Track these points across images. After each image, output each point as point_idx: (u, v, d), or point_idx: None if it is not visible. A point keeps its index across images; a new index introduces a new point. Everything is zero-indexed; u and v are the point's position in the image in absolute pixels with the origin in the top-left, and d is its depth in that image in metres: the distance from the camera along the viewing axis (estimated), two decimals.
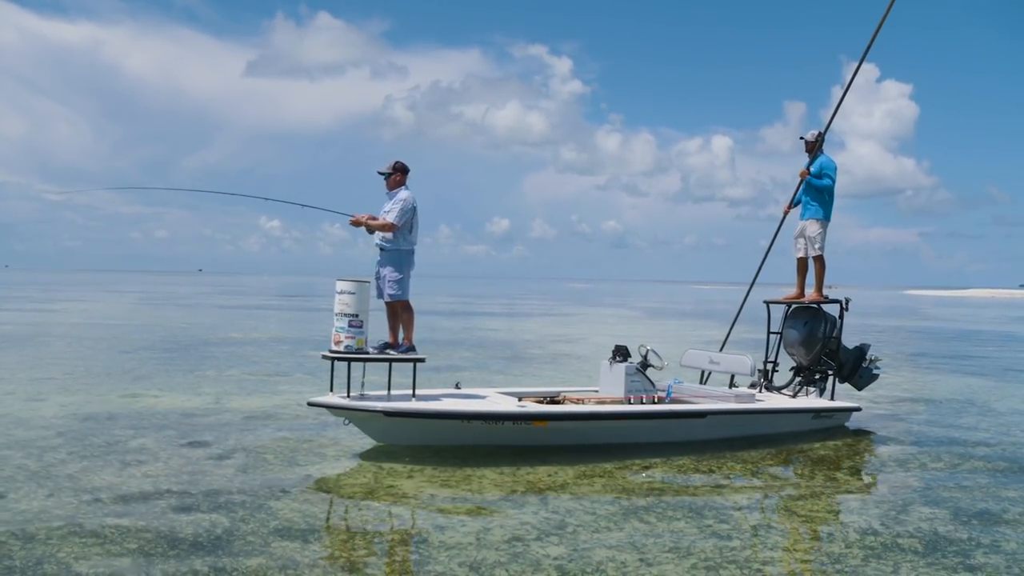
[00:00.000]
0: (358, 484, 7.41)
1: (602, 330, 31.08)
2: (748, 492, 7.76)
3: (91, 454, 8.24)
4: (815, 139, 11.16)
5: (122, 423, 9.85)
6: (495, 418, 8.60)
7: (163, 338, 22.29)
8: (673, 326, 35.17)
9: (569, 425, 8.97)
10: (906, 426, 11.20)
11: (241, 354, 18.44)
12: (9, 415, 10.13)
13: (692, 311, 52.24)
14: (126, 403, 11.26)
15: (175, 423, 9.93)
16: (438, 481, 7.56)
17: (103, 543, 5.65)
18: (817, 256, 11.03)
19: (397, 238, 9.16)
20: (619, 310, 52.53)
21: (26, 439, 8.81)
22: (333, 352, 8.65)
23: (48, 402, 11.17)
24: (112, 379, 13.72)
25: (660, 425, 9.42)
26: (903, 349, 25.32)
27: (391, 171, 9.39)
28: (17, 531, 5.83)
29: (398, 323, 9.27)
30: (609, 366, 9.89)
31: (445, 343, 22.55)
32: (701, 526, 6.48)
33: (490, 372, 16.10)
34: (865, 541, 6.23)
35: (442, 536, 6.03)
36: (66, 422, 9.80)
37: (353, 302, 8.56)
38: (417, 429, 8.59)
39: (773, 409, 10.27)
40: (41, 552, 5.43)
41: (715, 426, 9.61)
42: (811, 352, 10.98)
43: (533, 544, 5.91)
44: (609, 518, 6.63)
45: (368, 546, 5.81)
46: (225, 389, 12.84)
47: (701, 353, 11.40)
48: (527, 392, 10.00)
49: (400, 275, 9.17)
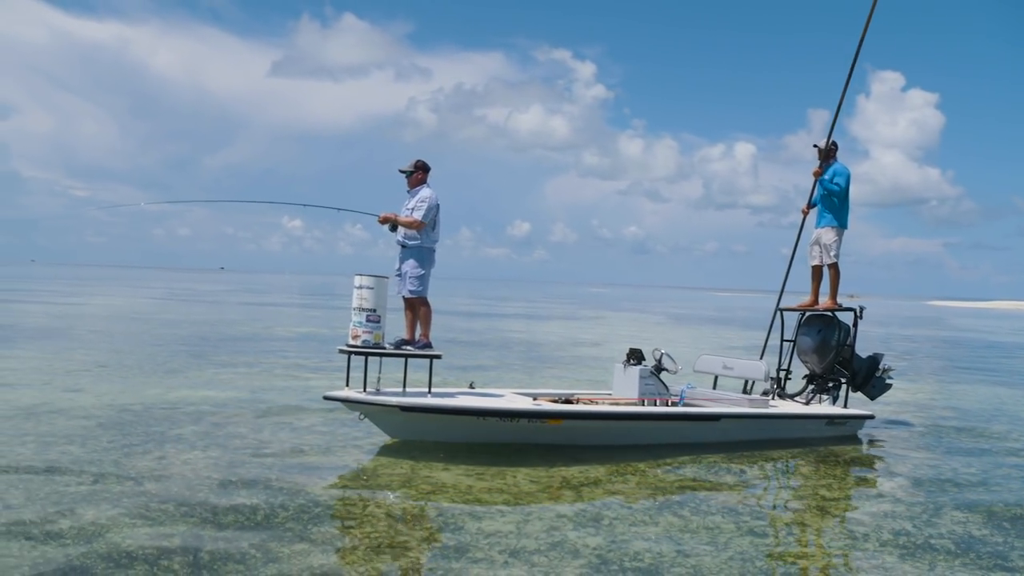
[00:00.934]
0: (395, 474, 7.52)
1: (625, 334, 31.09)
2: (781, 491, 7.83)
3: (132, 443, 8.38)
4: (830, 147, 11.19)
5: (158, 414, 10.01)
6: (510, 415, 8.64)
7: (192, 333, 22.52)
8: (695, 332, 35.12)
9: (584, 424, 8.99)
10: (934, 433, 11.20)
11: (270, 349, 18.62)
12: (49, 404, 10.30)
13: (713, 318, 52.10)
14: (161, 395, 11.43)
15: (210, 414, 10.08)
16: (473, 474, 7.66)
17: (151, 524, 5.79)
18: (832, 264, 11.06)
19: (420, 235, 9.24)
20: (641, 315, 52.47)
21: (68, 427, 8.97)
22: (350, 347, 8.72)
23: (85, 393, 11.35)
24: (145, 372, 13.90)
25: (674, 427, 9.44)
26: (927, 359, 25.23)
27: (413, 169, 9.48)
28: (67, 512, 5.97)
29: (416, 320, 9.35)
30: (623, 369, 9.94)
31: (468, 344, 22.65)
32: (737, 522, 6.54)
33: (514, 373, 16.19)
34: (899, 541, 6.27)
35: (480, 524, 6.13)
36: (105, 412, 9.96)
37: (371, 297, 8.62)
38: (432, 425, 8.63)
39: (786, 414, 10.29)
40: (91, 532, 5.57)
41: (729, 430, 9.63)
42: (824, 360, 10.98)
43: (571, 534, 6.00)
44: (644, 512, 6.71)
45: (409, 532, 5.91)
46: (257, 383, 12.99)
47: (715, 358, 11.44)
48: (542, 393, 10.06)
49: (422, 271, 9.25)
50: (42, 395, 10.99)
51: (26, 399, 10.58)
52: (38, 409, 9.95)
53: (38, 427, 8.91)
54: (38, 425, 9.01)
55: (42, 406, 10.15)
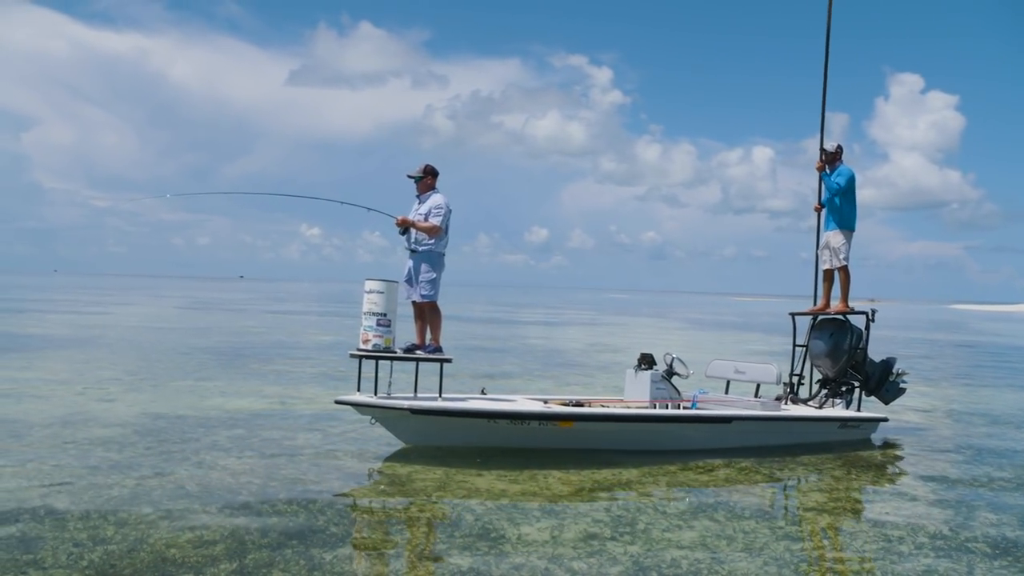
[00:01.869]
0: (430, 479, 7.59)
1: (648, 340, 31.07)
2: (811, 494, 7.83)
3: (168, 450, 8.49)
4: (835, 150, 11.19)
5: (191, 422, 10.12)
6: (521, 418, 8.68)
7: (218, 342, 22.69)
8: (718, 338, 35.07)
9: (595, 427, 8.99)
10: (952, 437, 11.21)
11: (297, 357, 18.74)
12: (84, 413, 10.44)
13: (736, 323, 51.99)
14: (193, 403, 11.55)
15: (243, 422, 10.18)
16: (507, 479, 7.71)
17: (193, 530, 5.87)
18: (842, 267, 11.06)
19: (433, 240, 9.29)
20: (661, 320, 52.41)
21: (105, 436, 9.09)
22: (361, 351, 8.76)
23: (118, 402, 11.48)
24: (175, 381, 14.04)
25: (685, 430, 9.42)
26: (946, 363, 25.11)
27: (422, 174, 9.50)
28: (111, 517, 6.08)
29: (426, 325, 9.40)
30: (634, 373, 9.96)
31: (492, 351, 22.74)
32: (772, 527, 6.57)
33: (539, 380, 16.23)
34: (935, 543, 6.29)
35: (518, 531, 6.18)
36: (139, 420, 10.09)
37: (382, 301, 8.67)
38: (443, 428, 8.68)
39: (798, 417, 10.29)
40: (135, 537, 5.66)
41: (741, 433, 9.63)
42: (837, 364, 10.96)
43: (608, 542, 6.04)
44: (679, 517, 6.75)
45: (448, 539, 5.97)
46: (286, 390, 13.11)
47: (726, 363, 11.44)
48: (553, 398, 10.08)
49: (433, 276, 9.29)
50: (77, 404, 11.13)
51: (61, 408, 10.73)
52: (74, 418, 10.09)
53: (76, 435, 9.03)
54: (76, 433, 9.14)
55: (77, 415, 10.29)
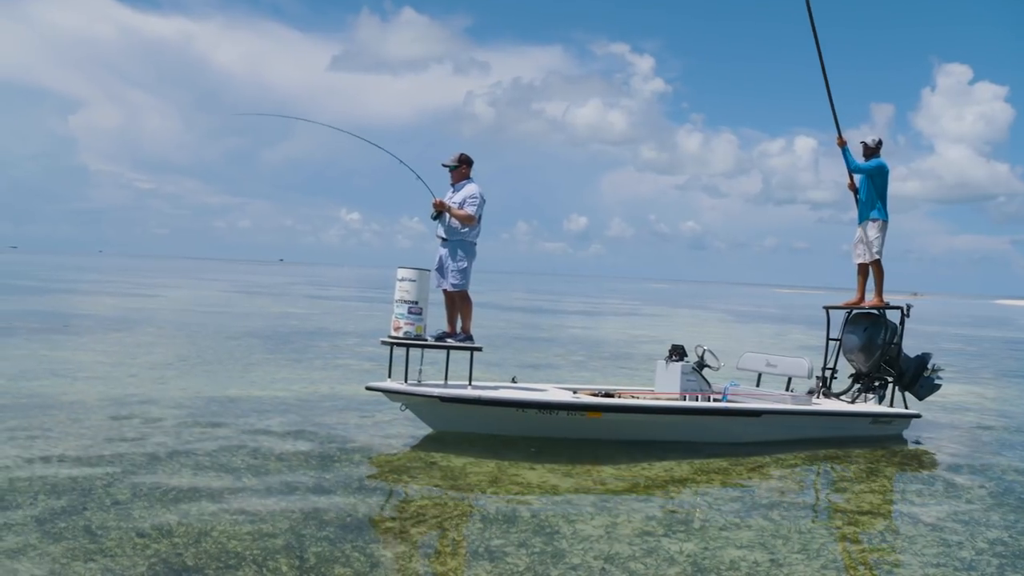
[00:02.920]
0: (482, 473, 7.62)
1: (691, 332, 30.94)
2: (868, 496, 7.76)
3: (223, 435, 8.60)
4: (875, 144, 11.01)
5: (244, 407, 10.24)
6: (550, 407, 8.71)
7: (264, 326, 22.94)
8: (759, 330, 34.80)
9: (623, 418, 8.98)
10: (1005, 434, 11.04)
11: (343, 345, 18.87)
12: (138, 396, 10.60)
13: (777, 316, 51.59)
14: (244, 388, 11.69)
15: (295, 408, 10.28)
16: (559, 472, 7.73)
17: (253, 522, 5.94)
18: (875, 261, 10.91)
19: (462, 229, 9.30)
20: (703, 312, 52.12)
21: (159, 419, 9.23)
22: (392, 338, 8.83)
23: (169, 385, 11.65)
24: (224, 365, 14.21)
25: (715, 423, 9.37)
26: (986, 359, 24.74)
27: (457, 163, 9.49)
28: (171, 506, 6.17)
29: (456, 313, 9.43)
30: (665, 365, 9.92)
31: (536, 340, 22.78)
32: (829, 527, 6.54)
33: (584, 371, 16.24)
34: (995, 549, 6.21)
35: (573, 528, 6.19)
36: (192, 404, 10.23)
37: (413, 289, 8.73)
38: (472, 416, 8.72)
39: (829, 412, 10.23)
40: (198, 529, 5.75)
41: (771, 426, 9.57)
42: (870, 359, 10.86)
43: (663, 539, 6.04)
44: (734, 515, 6.72)
45: (504, 535, 5.99)
46: (335, 377, 13.23)
47: (758, 356, 11.37)
48: (583, 388, 10.08)
49: (464, 265, 9.30)
50: (131, 386, 11.32)
51: (116, 390, 10.91)
52: (129, 400, 10.25)
53: (131, 419, 9.17)
54: (131, 417, 9.28)
55: (132, 397, 10.46)
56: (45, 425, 8.63)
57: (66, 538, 5.46)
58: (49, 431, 8.40)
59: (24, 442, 7.92)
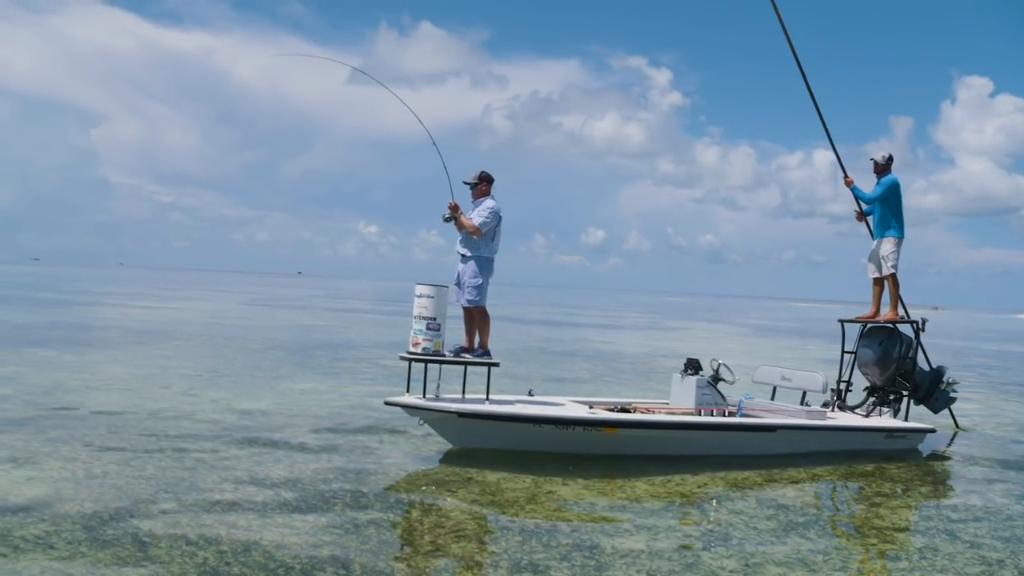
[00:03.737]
0: (519, 489, 7.66)
1: (714, 346, 30.90)
2: (905, 512, 7.76)
3: (259, 450, 8.69)
4: (885, 161, 11.07)
5: (277, 420, 10.34)
6: (566, 423, 8.79)
7: (289, 339, 23.09)
8: (781, 344, 34.70)
9: (639, 433, 9.05)
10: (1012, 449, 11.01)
11: (369, 358, 18.98)
12: (172, 408, 10.73)
13: (798, 329, 51.40)
14: (275, 401, 11.79)
15: (327, 422, 10.38)
16: (595, 489, 7.77)
17: (297, 534, 6.02)
18: (890, 275, 10.95)
19: (479, 245, 9.38)
20: (723, 325, 52.00)
21: (195, 432, 9.34)
22: (411, 354, 8.94)
23: (201, 398, 11.77)
24: (254, 378, 14.33)
25: (730, 437, 9.43)
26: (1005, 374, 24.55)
27: (477, 181, 9.59)
28: (216, 517, 6.26)
29: (474, 328, 9.52)
30: (680, 379, 9.97)
31: (559, 354, 22.80)
32: (866, 544, 6.55)
33: (610, 384, 16.27)
34: None
35: (613, 542, 6.23)
36: (225, 417, 10.33)
37: (431, 306, 8.84)
38: (490, 431, 8.80)
39: (844, 426, 10.25)
40: (244, 539, 5.83)
41: (786, 441, 9.60)
42: (885, 372, 10.87)
43: (703, 554, 6.07)
44: (771, 532, 6.74)
45: (545, 549, 6.03)
46: (365, 390, 13.31)
47: (773, 369, 11.41)
48: (598, 401, 10.15)
49: (480, 281, 9.39)
50: (163, 398, 11.44)
51: (150, 403, 11.03)
52: (163, 412, 10.38)
53: (168, 431, 9.28)
54: (168, 429, 9.39)
55: (166, 410, 10.58)
56: (85, 437, 8.76)
57: (115, 545, 5.57)
58: (90, 443, 8.53)
59: (67, 452, 8.06)
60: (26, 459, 7.73)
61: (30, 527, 5.82)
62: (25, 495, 6.59)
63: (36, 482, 6.98)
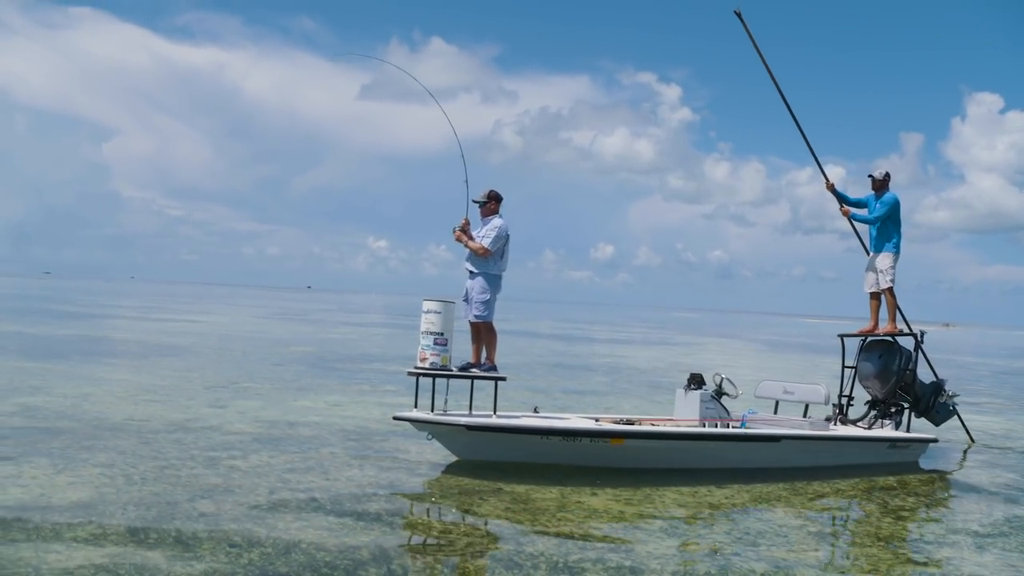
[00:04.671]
0: (548, 498, 7.78)
1: (728, 361, 30.94)
2: (931, 524, 7.84)
3: (291, 459, 8.83)
4: (883, 178, 11.19)
5: (304, 431, 10.49)
6: (572, 434, 8.89)
7: (307, 352, 23.26)
8: (794, 359, 34.71)
9: (645, 444, 9.14)
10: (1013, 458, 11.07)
11: (387, 370, 19.10)
12: (200, 419, 10.88)
13: (811, 345, 51.32)
14: (301, 412, 11.94)
15: (354, 432, 10.52)
16: (622, 499, 7.89)
17: (336, 536, 6.16)
18: (887, 289, 11.06)
19: (487, 262, 9.51)
20: (736, 341, 51.99)
21: (225, 443, 9.48)
22: (418, 368, 9.07)
23: (229, 409, 11.92)
24: (277, 389, 14.48)
25: (735, 448, 9.54)
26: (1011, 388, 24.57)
27: (487, 200, 9.74)
28: (256, 520, 6.40)
29: (481, 344, 9.64)
30: (684, 393, 10.08)
31: (576, 369, 22.92)
32: (895, 554, 6.65)
33: (631, 399, 16.33)
34: None
35: (645, 547, 6.36)
36: (253, 428, 10.48)
37: (439, 321, 8.98)
38: (497, 444, 8.90)
39: (846, 437, 10.37)
40: (286, 541, 5.97)
41: (789, 452, 9.71)
42: (886, 385, 10.95)
43: (733, 559, 6.19)
44: (800, 541, 6.85)
45: (580, 552, 6.16)
46: (387, 400, 13.43)
47: (775, 383, 11.52)
48: (604, 416, 10.27)
49: (488, 296, 9.50)
50: (190, 410, 11.59)
51: (178, 413, 11.19)
52: (192, 423, 10.53)
53: (198, 441, 9.43)
54: (198, 439, 9.54)
55: (194, 421, 10.73)
56: (120, 446, 8.91)
57: (162, 545, 5.72)
58: (124, 451, 8.68)
59: (103, 459, 8.22)
60: (65, 466, 7.89)
61: (79, 529, 5.98)
62: (69, 499, 6.75)
63: (78, 487, 7.14)
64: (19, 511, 6.30)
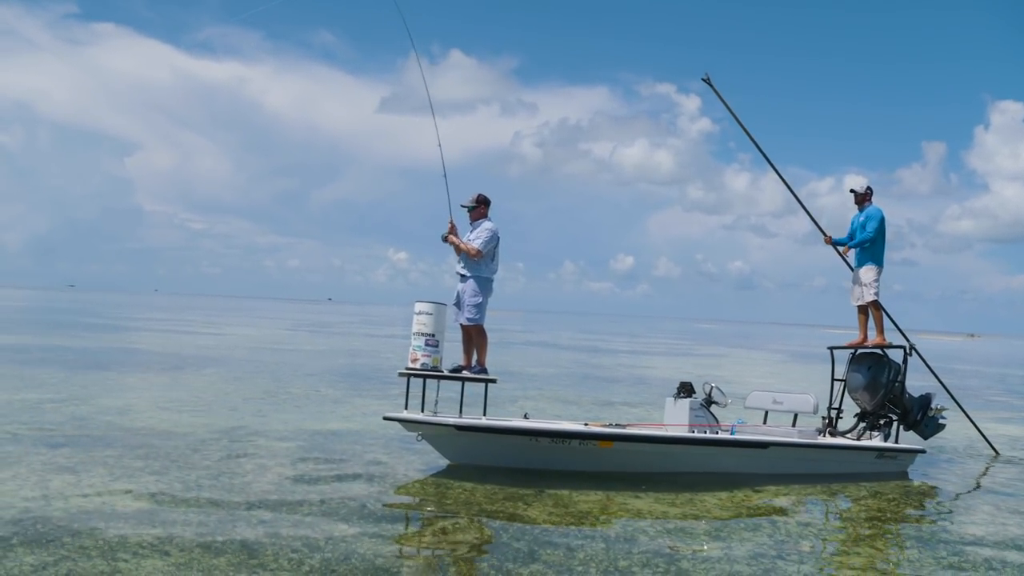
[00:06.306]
0: (591, 501, 7.97)
1: (749, 373, 30.98)
2: (971, 527, 7.93)
3: (335, 465, 9.05)
4: (864, 191, 11.30)
5: (348, 439, 10.70)
6: (562, 436, 8.99)
7: (339, 363, 23.52)
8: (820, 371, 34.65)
9: (634, 447, 9.22)
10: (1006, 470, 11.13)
11: None
12: (245, 429, 11.11)
13: None
14: (341, 422, 12.16)
15: (397, 441, 10.69)
16: (665, 502, 8.06)
17: (391, 543, 6.38)
18: (872, 302, 11.13)
19: (479, 265, 9.64)
20: (759, 352, 51.95)
21: (272, 451, 9.71)
22: (409, 369, 9.21)
23: (270, 419, 12.15)
24: (314, 401, 14.72)
25: (724, 454, 9.61)
26: None
27: (475, 204, 9.88)
28: (312, 527, 6.60)
29: (472, 347, 9.78)
30: (674, 402, 10.15)
31: (603, 380, 23.06)
32: (935, 557, 6.76)
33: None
34: None
35: (691, 549, 6.53)
36: (298, 437, 10.70)
37: (430, 323, 9.13)
38: (486, 446, 9.02)
39: (834, 445, 10.45)
40: (344, 548, 6.16)
41: (777, 459, 9.80)
42: (875, 397, 10.98)
43: (778, 562, 6.34)
44: (842, 543, 7.02)
45: (627, 556, 6.33)
46: None
47: (765, 394, 11.57)
48: (593, 422, 10.40)
49: (479, 300, 9.63)
50: (234, 420, 11.84)
51: (221, 424, 11.44)
52: (237, 433, 10.76)
53: (246, 450, 9.66)
54: (245, 448, 9.77)
55: (239, 430, 10.97)
56: (171, 456, 9.14)
57: (226, 552, 5.92)
58: (175, 461, 8.91)
59: (157, 467, 8.46)
60: (121, 474, 8.13)
61: (143, 535, 6.19)
62: (130, 506, 6.98)
63: (135, 495, 7.36)
64: (84, 520, 6.52)
